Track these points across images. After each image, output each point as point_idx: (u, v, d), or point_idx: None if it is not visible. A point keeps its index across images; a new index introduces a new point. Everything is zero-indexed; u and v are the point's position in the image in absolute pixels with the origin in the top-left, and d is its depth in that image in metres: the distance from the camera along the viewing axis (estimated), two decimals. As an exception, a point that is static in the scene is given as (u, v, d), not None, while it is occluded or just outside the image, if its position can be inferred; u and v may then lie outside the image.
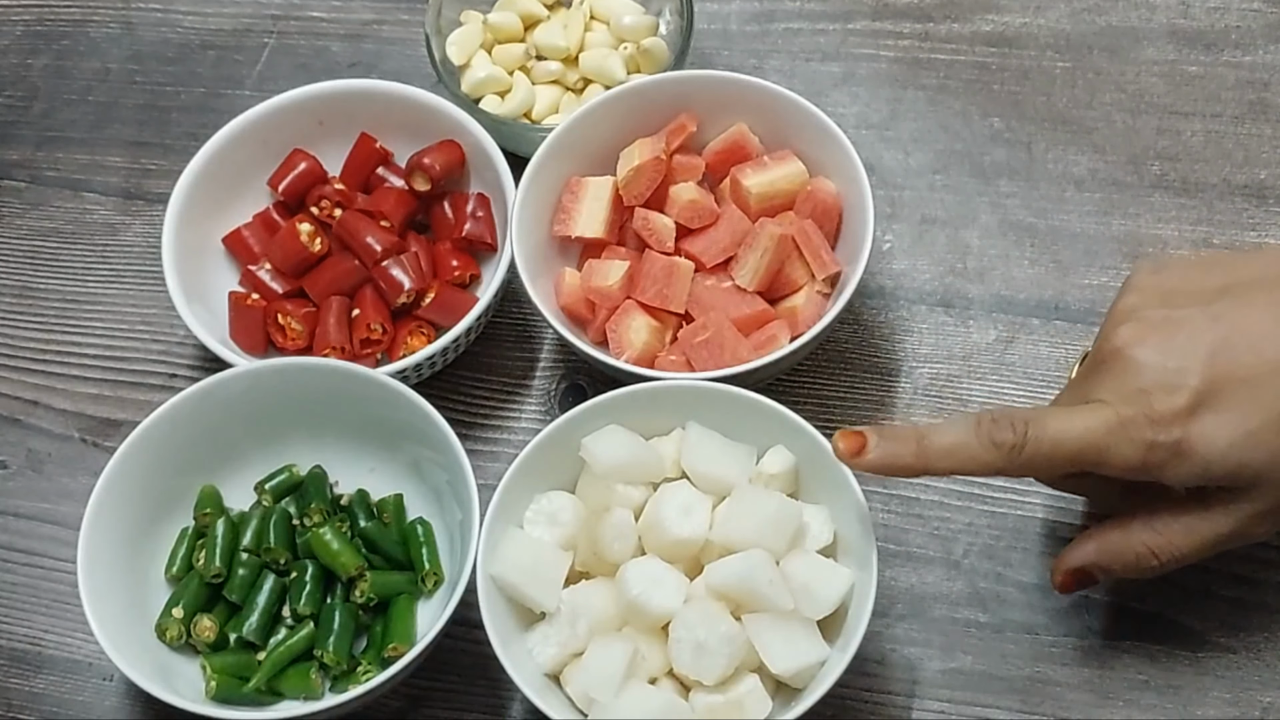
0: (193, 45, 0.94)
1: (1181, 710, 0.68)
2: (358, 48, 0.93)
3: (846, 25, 0.90)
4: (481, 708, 0.71)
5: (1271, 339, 0.59)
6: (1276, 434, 0.59)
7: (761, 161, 0.77)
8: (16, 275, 0.86)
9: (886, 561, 0.72)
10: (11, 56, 0.94)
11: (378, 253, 0.78)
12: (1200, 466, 0.60)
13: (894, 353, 0.78)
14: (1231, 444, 0.59)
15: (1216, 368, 0.59)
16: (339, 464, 0.75)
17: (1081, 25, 0.88)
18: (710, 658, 0.63)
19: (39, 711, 0.73)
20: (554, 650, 0.66)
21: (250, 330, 0.78)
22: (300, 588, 0.70)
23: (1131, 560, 0.64)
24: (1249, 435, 0.59)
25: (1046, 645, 0.70)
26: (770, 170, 0.76)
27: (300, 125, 0.82)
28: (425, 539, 0.72)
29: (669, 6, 0.87)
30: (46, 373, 0.83)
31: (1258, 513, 0.61)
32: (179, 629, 0.70)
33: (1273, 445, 0.59)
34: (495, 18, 0.86)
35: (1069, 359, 0.77)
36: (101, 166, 0.90)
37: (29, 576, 0.77)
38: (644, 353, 0.73)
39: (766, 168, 0.76)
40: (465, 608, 0.66)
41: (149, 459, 0.71)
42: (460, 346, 0.77)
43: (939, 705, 0.70)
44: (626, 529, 0.66)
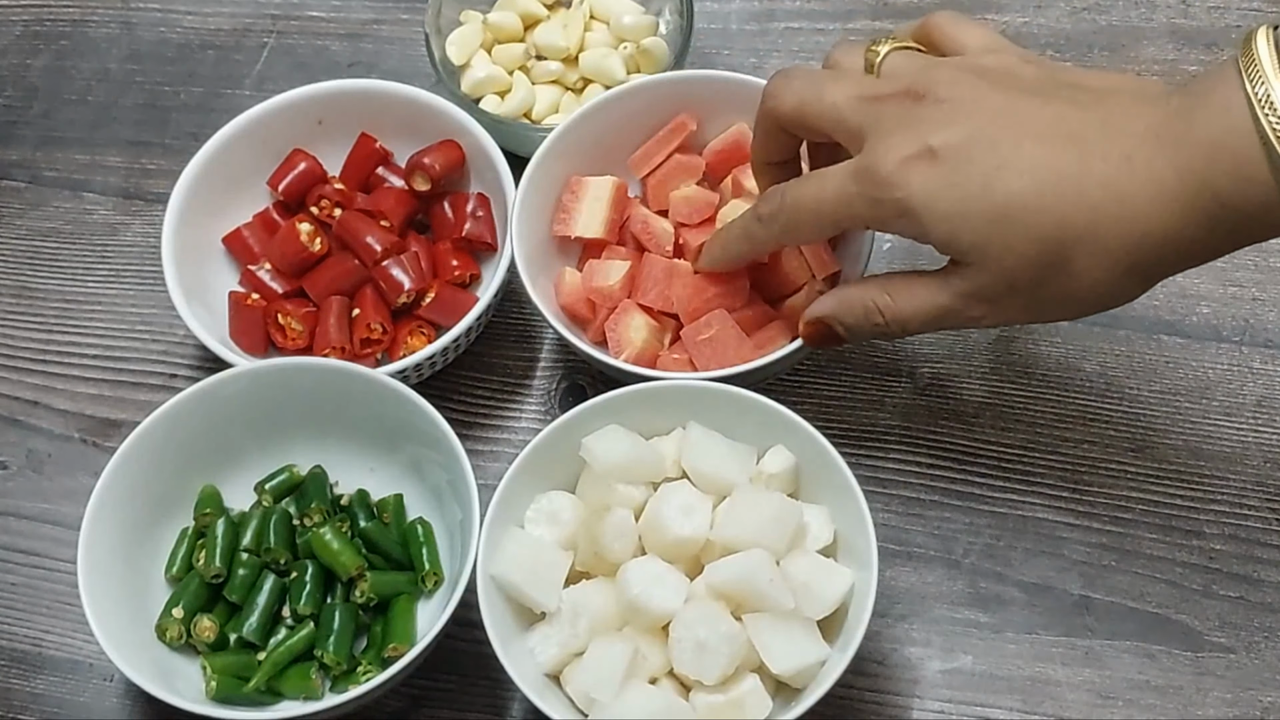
0: (192, 45, 0.94)
1: (1181, 710, 0.68)
2: (357, 47, 0.93)
3: (846, 25, 0.90)
4: (481, 708, 0.71)
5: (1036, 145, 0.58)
6: (987, 221, 0.58)
7: (761, 161, 0.77)
8: (16, 275, 0.86)
9: (886, 561, 0.72)
10: (11, 56, 0.94)
11: (378, 253, 0.78)
12: (918, 227, 0.60)
13: (894, 353, 0.78)
14: (943, 214, 0.59)
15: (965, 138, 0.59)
16: (339, 464, 0.75)
17: (1081, 24, 0.88)
18: (710, 657, 0.63)
19: (39, 712, 0.73)
20: (554, 650, 0.66)
21: (250, 330, 0.78)
22: (300, 588, 0.70)
23: (860, 314, 0.65)
24: (961, 210, 0.59)
25: (1046, 645, 0.70)
26: (770, 170, 0.76)
27: (300, 125, 0.82)
28: (425, 539, 0.72)
29: (669, 6, 0.87)
30: (46, 373, 0.83)
31: (972, 291, 0.61)
32: (179, 629, 0.70)
33: (981, 230, 0.59)
34: (495, 17, 0.86)
35: (1069, 358, 0.77)
36: (101, 166, 0.90)
37: (29, 577, 0.77)
38: (644, 353, 0.73)
39: (766, 167, 0.76)
40: (465, 608, 0.66)
41: (149, 459, 0.71)
42: (460, 346, 0.77)
43: (939, 705, 0.70)
44: (626, 529, 0.66)
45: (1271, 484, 0.73)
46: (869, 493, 0.67)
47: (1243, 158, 0.54)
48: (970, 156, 0.58)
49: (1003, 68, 0.62)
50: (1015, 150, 0.58)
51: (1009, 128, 0.59)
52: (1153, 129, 0.57)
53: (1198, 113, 0.56)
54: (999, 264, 0.59)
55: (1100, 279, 0.58)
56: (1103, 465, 0.74)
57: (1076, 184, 0.57)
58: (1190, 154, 0.55)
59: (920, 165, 0.59)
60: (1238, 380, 0.76)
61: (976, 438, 0.76)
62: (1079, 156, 0.57)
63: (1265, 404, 0.75)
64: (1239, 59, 0.55)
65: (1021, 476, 0.74)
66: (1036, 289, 0.59)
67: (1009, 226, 0.58)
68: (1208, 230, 0.56)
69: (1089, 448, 0.75)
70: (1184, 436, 0.75)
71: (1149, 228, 0.57)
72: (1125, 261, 0.58)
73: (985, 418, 0.76)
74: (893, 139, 0.60)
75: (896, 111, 0.61)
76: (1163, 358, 0.77)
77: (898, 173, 0.59)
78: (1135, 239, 0.57)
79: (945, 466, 0.75)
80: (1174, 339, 0.78)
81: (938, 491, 0.75)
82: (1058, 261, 0.58)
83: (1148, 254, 0.57)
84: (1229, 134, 0.54)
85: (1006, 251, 0.58)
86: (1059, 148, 0.58)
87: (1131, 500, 0.74)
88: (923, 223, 0.60)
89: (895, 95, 0.62)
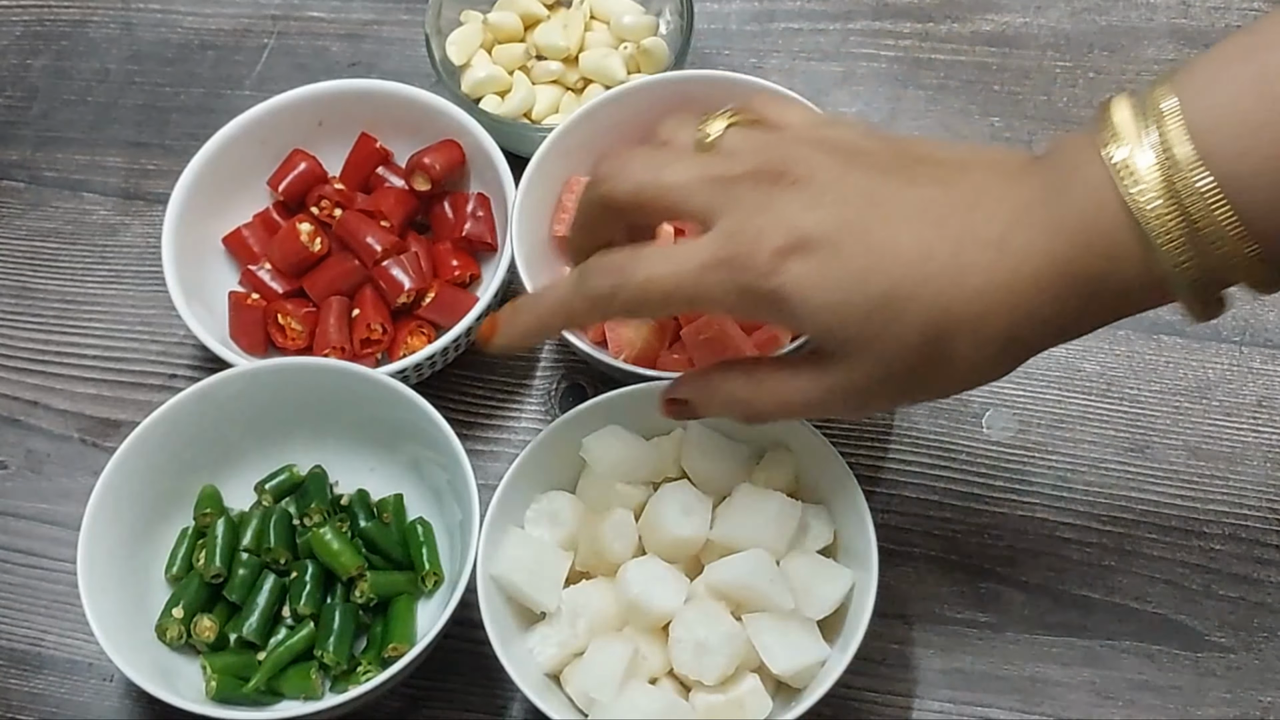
0: (192, 45, 0.94)
1: (1181, 710, 0.68)
2: (357, 48, 0.93)
3: (846, 25, 0.90)
4: (481, 708, 0.71)
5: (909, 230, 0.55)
6: (867, 313, 0.55)
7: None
8: (15, 275, 0.86)
9: (886, 561, 0.72)
10: (10, 57, 0.94)
11: (378, 253, 0.78)
12: (791, 319, 0.57)
13: (894, 352, 0.78)
14: (821, 308, 0.55)
15: (840, 227, 0.55)
16: (339, 464, 0.75)
17: (1082, 25, 0.88)
18: (710, 657, 0.63)
19: (39, 711, 0.73)
20: (554, 650, 0.66)
21: (250, 330, 0.78)
22: (300, 588, 0.70)
23: (721, 402, 0.62)
24: (841, 303, 0.55)
25: (1046, 645, 0.70)
26: (770, 170, 0.76)
27: (300, 125, 0.82)
28: (425, 539, 0.72)
29: (669, 6, 0.87)
30: (46, 373, 0.83)
31: (845, 386, 0.57)
32: (179, 629, 0.70)
33: (861, 323, 0.55)
34: (495, 17, 0.86)
35: (1070, 359, 0.77)
36: (101, 167, 0.90)
37: (29, 576, 0.77)
38: (644, 353, 0.73)
39: (766, 167, 0.76)
40: (465, 608, 0.66)
41: (149, 459, 0.71)
42: (460, 346, 0.77)
43: (939, 705, 0.70)
44: (626, 529, 0.66)
45: (1271, 484, 0.73)
46: (869, 493, 0.67)
47: (1113, 239, 0.52)
48: (845, 245, 0.55)
49: (848, 142, 0.59)
50: (890, 237, 0.55)
51: (879, 213, 0.55)
52: (1022, 210, 0.54)
53: (1064, 193, 0.53)
54: (877, 355, 0.56)
55: (978, 363, 0.56)
56: (1103, 465, 0.74)
57: (955, 271, 0.54)
58: (1063, 238, 0.53)
59: (795, 256, 0.55)
60: (1238, 380, 0.76)
61: (976, 438, 0.76)
62: (955, 242, 0.54)
63: (1265, 404, 0.75)
64: (1098, 129, 0.53)
65: (1021, 476, 0.74)
66: (911, 377, 0.57)
67: (889, 317, 0.55)
68: (1085, 308, 0.55)
69: (1089, 448, 0.75)
70: (1184, 436, 0.75)
71: (1029, 311, 0.54)
72: (1004, 345, 0.56)
73: (985, 418, 0.76)
74: (757, 224, 0.56)
75: (753, 194, 0.57)
76: (1163, 358, 0.77)
77: (771, 263, 0.55)
78: (1015, 323, 0.55)
79: (945, 466, 0.75)
80: (1174, 339, 0.78)
81: (938, 491, 0.75)
82: (938, 349, 0.55)
83: (1026, 335, 0.56)
84: (1098, 215, 0.52)
85: (887, 342, 0.55)
86: (933, 233, 0.55)
87: (1131, 500, 0.74)
88: (798, 315, 0.56)
89: (747, 175, 0.57)
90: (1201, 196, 0.49)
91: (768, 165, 0.57)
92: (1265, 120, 0.48)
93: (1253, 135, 0.49)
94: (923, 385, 0.57)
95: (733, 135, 0.60)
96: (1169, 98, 0.51)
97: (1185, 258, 0.50)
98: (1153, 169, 0.50)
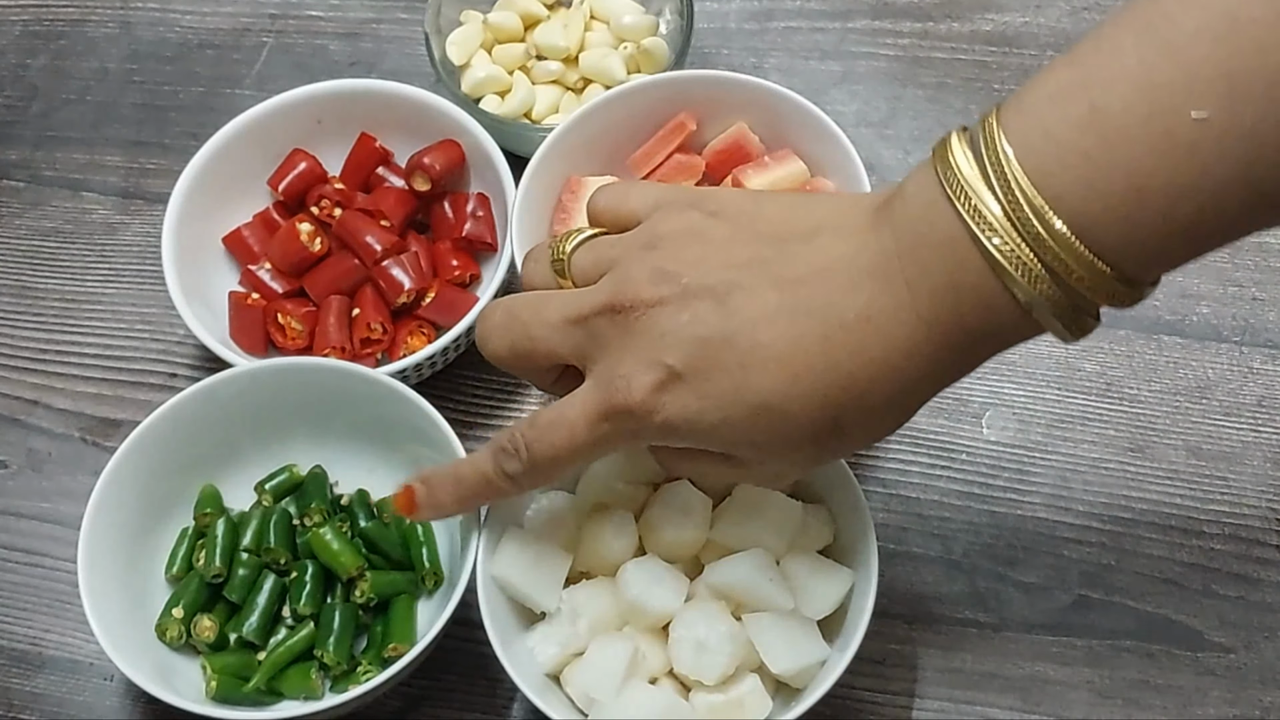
0: (191, 45, 0.94)
1: (1181, 710, 0.69)
2: (357, 47, 0.93)
3: (846, 24, 0.90)
4: (481, 708, 0.71)
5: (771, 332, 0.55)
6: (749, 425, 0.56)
7: (762, 161, 0.77)
8: (16, 275, 0.86)
9: (886, 561, 0.72)
10: (9, 56, 0.94)
11: (378, 252, 0.78)
12: (689, 442, 0.58)
13: (894, 352, 0.78)
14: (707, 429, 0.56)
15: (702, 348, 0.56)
16: (339, 464, 0.75)
17: (1081, 24, 0.88)
18: (710, 657, 0.63)
19: (39, 711, 0.73)
20: (554, 650, 0.65)
21: (250, 330, 0.78)
22: (300, 588, 0.70)
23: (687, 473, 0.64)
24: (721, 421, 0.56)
25: (1046, 645, 0.70)
26: (771, 170, 0.76)
27: (300, 125, 0.82)
28: (425, 539, 0.72)
29: (669, 6, 0.87)
30: (46, 373, 0.83)
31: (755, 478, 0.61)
32: (179, 629, 0.70)
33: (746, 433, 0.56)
34: (495, 17, 0.86)
35: (1070, 359, 0.77)
36: (100, 166, 0.90)
37: (29, 576, 0.77)
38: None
39: (767, 168, 0.76)
40: (465, 608, 0.66)
41: (149, 459, 0.71)
42: (460, 346, 0.77)
43: (939, 705, 0.70)
44: (626, 529, 0.66)
45: (1271, 484, 0.73)
46: (869, 493, 0.67)
47: (982, 290, 0.52)
48: (712, 366, 0.55)
49: (688, 233, 0.58)
50: (753, 346, 0.55)
51: (736, 319, 0.56)
52: (881, 276, 0.54)
53: (922, 249, 0.53)
54: (776, 454, 0.58)
55: (871, 430, 0.57)
56: (1103, 465, 0.74)
57: (827, 361, 0.55)
58: (929, 297, 0.53)
59: (668, 389, 0.56)
60: (1238, 380, 0.76)
61: (976, 438, 0.76)
62: (819, 333, 0.55)
63: (1265, 404, 0.75)
64: (938, 170, 0.52)
65: (1021, 476, 0.75)
66: (813, 455, 0.58)
67: (775, 420, 0.56)
68: (963, 357, 0.55)
69: (1089, 448, 0.75)
70: (1184, 436, 0.75)
71: (908, 377, 0.55)
72: (893, 409, 0.56)
73: (985, 418, 0.76)
74: (624, 365, 0.57)
75: (610, 331, 0.58)
76: (1163, 358, 0.77)
77: (648, 402, 0.56)
78: (899, 389, 0.55)
79: (945, 466, 0.75)
80: (1174, 339, 0.78)
81: (938, 491, 0.75)
82: (828, 435, 0.56)
83: (912, 396, 0.56)
84: (961, 268, 0.52)
85: (780, 442, 0.57)
86: (796, 329, 0.55)
87: (1131, 500, 0.74)
88: (694, 437, 0.57)
89: (601, 311, 0.58)
90: (1057, 238, 0.50)
91: (617, 298, 0.57)
92: (1108, 161, 0.49)
93: (1100, 177, 0.49)
94: (828, 454, 0.58)
95: (579, 256, 0.61)
96: (1006, 144, 0.51)
97: (1052, 294, 0.51)
98: (1004, 217, 0.51)
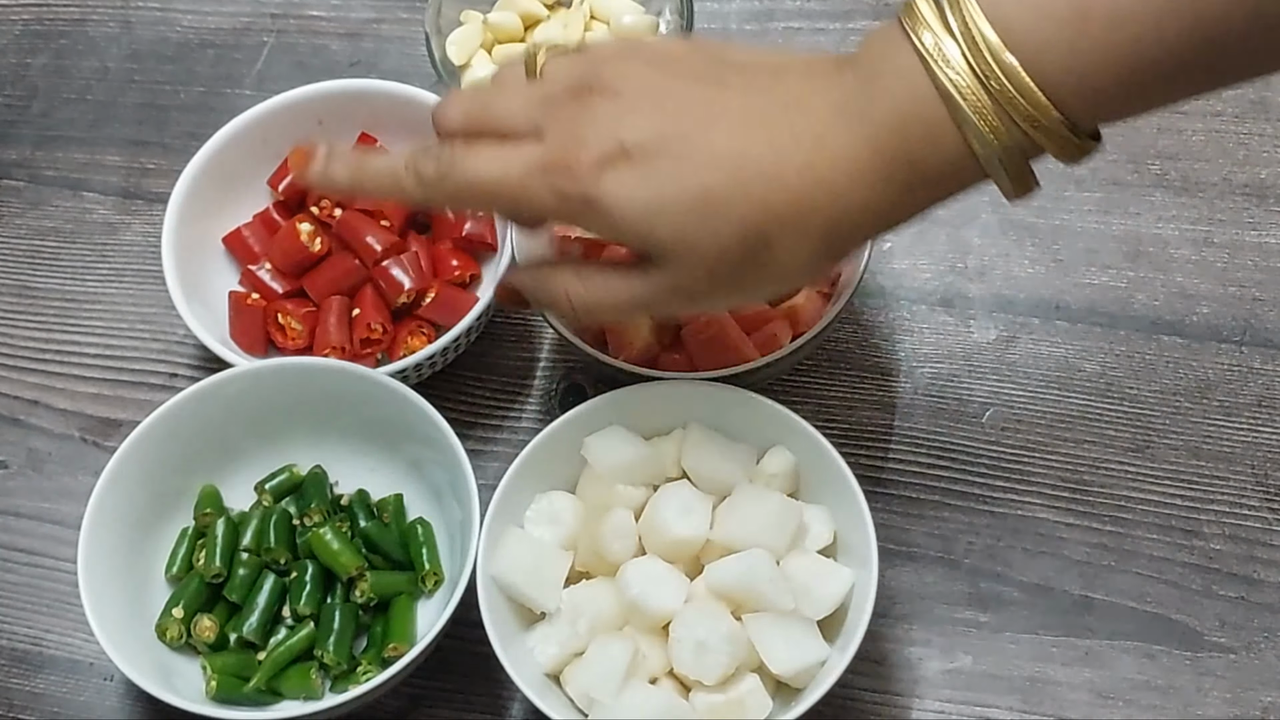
0: (192, 44, 0.94)
1: (1181, 710, 0.69)
2: (357, 47, 0.93)
3: (846, 24, 0.90)
4: (481, 708, 0.71)
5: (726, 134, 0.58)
6: (685, 214, 0.57)
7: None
8: (16, 275, 0.86)
9: (886, 561, 0.72)
10: (10, 56, 0.94)
11: (378, 252, 0.78)
12: (609, 225, 0.59)
13: (894, 353, 0.78)
14: (640, 212, 0.58)
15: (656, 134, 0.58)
16: (339, 464, 0.75)
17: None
18: (711, 657, 0.63)
19: (39, 711, 0.73)
20: (554, 650, 0.66)
21: (250, 330, 0.78)
22: (300, 588, 0.70)
23: (549, 297, 0.64)
24: (659, 207, 0.57)
25: (1046, 645, 0.70)
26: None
27: (300, 125, 0.82)
28: (425, 539, 0.72)
29: (669, 6, 0.87)
30: (46, 372, 0.83)
31: (668, 286, 0.60)
32: (179, 629, 0.70)
33: (680, 224, 0.57)
34: (495, 17, 0.86)
35: (1070, 358, 0.77)
36: (100, 166, 0.90)
37: (29, 576, 0.77)
38: (644, 352, 0.73)
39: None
40: (465, 608, 0.66)
41: (149, 459, 0.71)
42: (460, 346, 0.77)
43: (939, 705, 0.70)
44: (626, 529, 0.66)
45: (1271, 484, 0.73)
46: (869, 493, 0.67)
47: (930, 121, 0.55)
48: (663, 152, 0.57)
49: (664, 51, 0.61)
50: (707, 142, 0.57)
51: (696, 119, 0.58)
52: (837, 106, 0.57)
53: (878, 83, 0.56)
54: (699, 256, 0.58)
55: (801, 259, 0.58)
56: (1103, 465, 0.74)
57: (774, 170, 0.57)
58: (879, 128, 0.56)
59: (615, 164, 0.58)
60: (1238, 380, 0.76)
61: (976, 438, 0.76)
62: (771, 144, 0.57)
63: (1265, 404, 0.75)
64: (901, 19, 0.56)
65: (1021, 476, 0.74)
66: (736, 277, 0.59)
67: (708, 218, 0.57)
68: (906, 196, 0.57)
69: (1089, 448, 0.75)
70: (1184, 436, 0.75)
71: (849, 204, 0.57)
72: (825, 238, 0.58)
73: (985, 418, 0.76)
74: (578, 135, 0.58)
75: (573, 108, 0.59)
76: (1163, 358, 0.77)
77: (590, 171, 0.58)
78: (836, 217, 0.57)
79: (945, 466, 0.75)
80: (1174, 339, 0.78)
81: (938, 491, 0.75)
82: (759, 248, 0.58)
83: (847, 229, 0.58)
84: (912, 102, 0.55)
85: (706, 243, 0.58)
86: (750, 136, 0.57)
87: (1131, 500, 0.74)
88: (613, 221, 0.58)
89: (567, 91, 0.60)
90: (1008, 75, 0.53)
91: (584, 80, 0.60)
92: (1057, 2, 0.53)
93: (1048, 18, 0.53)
94: (749, 284, 0.60)
95: (554, 62, 0.62)
96: None
97: (997, 133, 0.54)
98: (960, 52, 0.54)
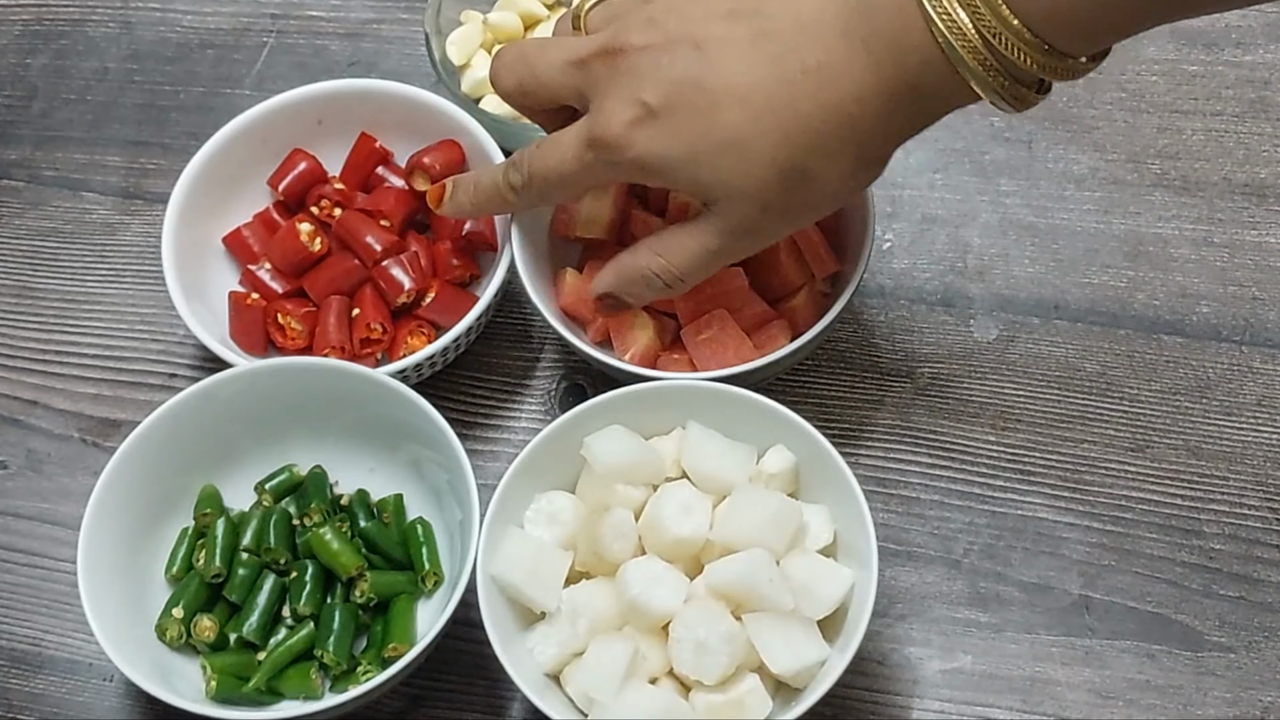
0: (191, 45, 0.94)
1: (1181, 710, 0.69)
2: (357, 47, 0.93)
3: None
4: (481, 708, 0.71)
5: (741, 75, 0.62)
6: (719, 159, 0.62)
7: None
8: (16, 275, 0.86)
9: (886, 561, 0.72)
10: (10, 56, 0.94)
11: (378, 252, 0.78)
12: (663, 179, 0.64)
13: (894, 353, 0.78)
14: (680, 162, 0.63)
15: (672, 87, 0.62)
16: (339, 464, 0.75)
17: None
18: (710, 657, 0.63)
19: (39, 712, 0.73)
20: (554, 650, 0.66)
21: (250, 330, 0.78)
22: (300, 588, 0.70)
23: (641, 282, 0.68)
24: (692, 157, 0.63)
25: (1046, 645, 0.70)
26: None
27: (300, 125, 0.82)
28: (425, 539, 0.72)
29: (669, 6, 0.87)
30: (46, 373, 0.83)
31: (734, 226, 0.64)
32: (179, 629, 0.70)
33: (716, 167, 0.62)
34: (495, 17, 0.86)
35: (1070, 358, 0.77)
36: (100, 166, 0.90)
37: (29, 576, 0.77)
38: (645, 353, 0.73)
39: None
40: (465, 608, 0.66)
41: (149, 459, 0.71)
42: (460, 346, 0.77)
43: (939, 705, 0.70)
44: (626, 529, 0.66)
45: (1271, 484, 0.73)
46: (869, 493, 0.67)
47: (925, 53, 0.58)
48: (683, 104, 0.62)
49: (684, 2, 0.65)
50: (722, 85, 0.62)
51: (709, 64, 0.62)
52: (840, 33, 0.60)
53: (874, 13, 0.59)
54: (744, 193, 0.63)
55: (843, 177, 0.63)
56: (1103, 465, 0.74)
57: (787, 102, 0.61)
58: (880, 55, 0.60)
59: (643, 124, 0.63)
60: (1238, 380, 0.76)
61: (976, 438, 0.76)
62: (782, 77, 0.61)
63: (1265, 404, 0.75)
64: None
65: (1021, 476, 0.74)
66: (786, 206, 0.63)
67: (740, 156, 0.62)
68: (915, 111, 0.62)
69: (1089, 448, 0.75)
70: (1184, 436, 0.75)
71: (861, 122, 0.61)
72: (853, 156, 0.62)
73: (985, 418, 0.76)
74: (609, 101, 0.64)
75: (603, 71, 0.65)
76: (1163, 358, 0.77)
77: (624, 136, 0.63)
78: (854, 137, 0.61)
79: (945, 466, 0.75)
80: (1174, 339, 0.78)
81: (938, 491, 0.75)
82: (797, 179, 0.62)
83: (876, 143, 0.63)
84: (907, 32, 0.58)
85: (747, 179, 0.62)
86: (761, 72, 0.61)
87: (1131, 500, 0.74)
88: (663, 175, 0.64)
89: (595, 55, 0.65)
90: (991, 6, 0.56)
91: (611, 42, 0.65)
92: None
93: None
94: (802, 210, 0.65)
95: (596, 12, 0.69)
96: None
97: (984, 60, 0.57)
98: None
